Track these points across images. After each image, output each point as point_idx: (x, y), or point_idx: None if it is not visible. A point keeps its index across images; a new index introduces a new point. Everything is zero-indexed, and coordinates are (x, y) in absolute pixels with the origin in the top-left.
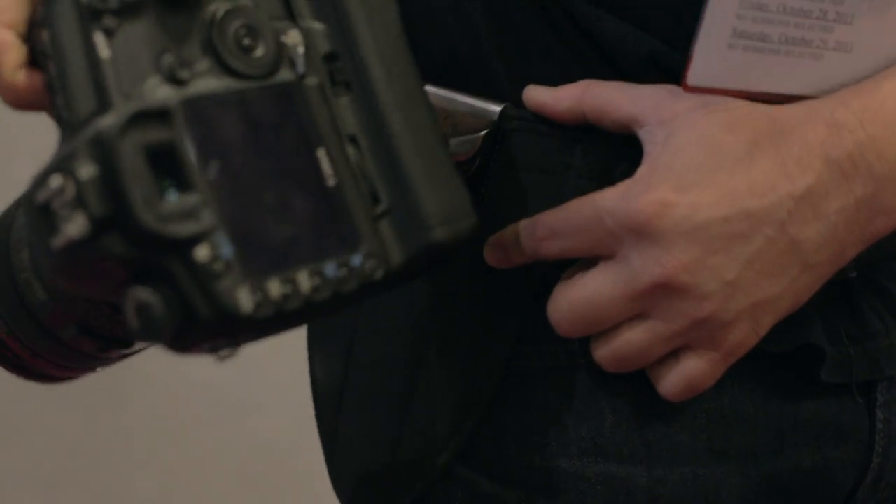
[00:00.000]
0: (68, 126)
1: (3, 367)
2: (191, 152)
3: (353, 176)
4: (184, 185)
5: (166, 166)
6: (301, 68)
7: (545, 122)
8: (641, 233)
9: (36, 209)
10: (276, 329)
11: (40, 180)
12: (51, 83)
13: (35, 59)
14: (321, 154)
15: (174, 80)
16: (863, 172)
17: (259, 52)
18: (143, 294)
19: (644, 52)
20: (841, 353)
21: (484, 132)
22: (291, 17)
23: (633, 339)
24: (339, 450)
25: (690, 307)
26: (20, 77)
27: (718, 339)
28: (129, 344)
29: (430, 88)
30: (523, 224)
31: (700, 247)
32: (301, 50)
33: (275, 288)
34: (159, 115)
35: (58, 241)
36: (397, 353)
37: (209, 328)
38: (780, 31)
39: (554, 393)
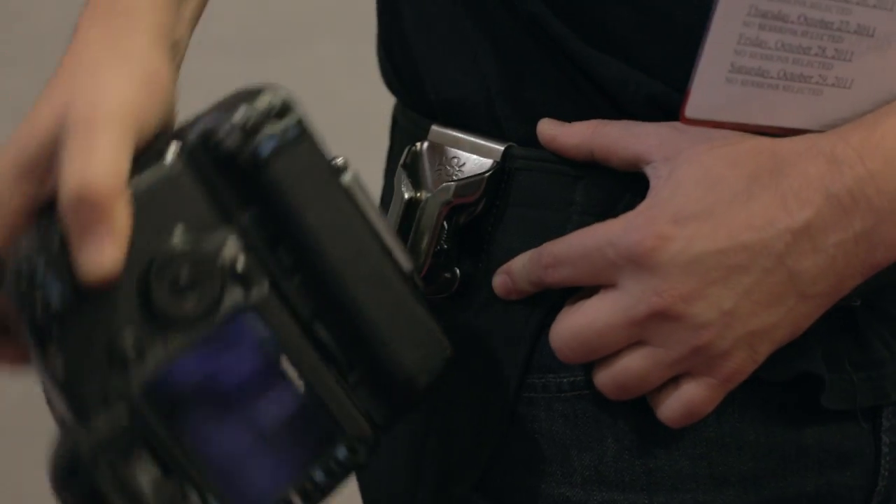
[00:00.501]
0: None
1: None
2: (160, 436)
3: (320, 361)
4: (162, 470)
5: (143, 455)
6: (246, 282)
7: (549, 160)
8: (640, 264)
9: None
10: None
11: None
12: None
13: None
14: (284, 363)
15: (124, 366)
16: (862, 207)
17: (200, 291)
18: None
19: (645, 94)
20: (844, 380)
21: (488, 173)
22: (225, 215)
23: (632, 366)
24: (369, 481)
25: (688, 335)
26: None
27: (717, 366)
28: None
29: (438, 128)
30: (530, 253)
31: (697, 278)
32: (241, 264)
33: None
34: (127, 431)
35: None
36: None
37: None
38: (778, 66)
39: (558, 422)
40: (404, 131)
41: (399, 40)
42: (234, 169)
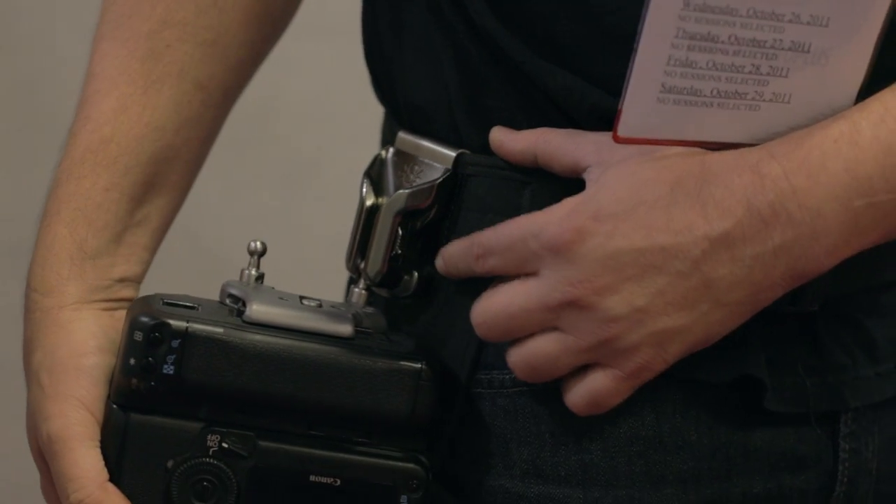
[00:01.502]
0: None
1: None
2: None
3: (335, 454)
4: None
5: None
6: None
7: (498, 166)
8: (559, 255)
9: None
10: None
11: None
12: None
13: None
14: (313, 479)
15: None
16: (783, 221)
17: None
18: None
19: (589, 103)
20: (796, 384)
21: (439, 180)
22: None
23: (542, 347)
24: None
25: (597, 326)
26: None
27: (624, 360)
28: None
29: (404, 135)
30: (463, 242)
31: (612, 273)
32: (222, 451)
33: None
34: None
35: None
36: None
37: None
38: (711, 85)
39: (500, 416)
40: (385, 140)
41: (378, 47)
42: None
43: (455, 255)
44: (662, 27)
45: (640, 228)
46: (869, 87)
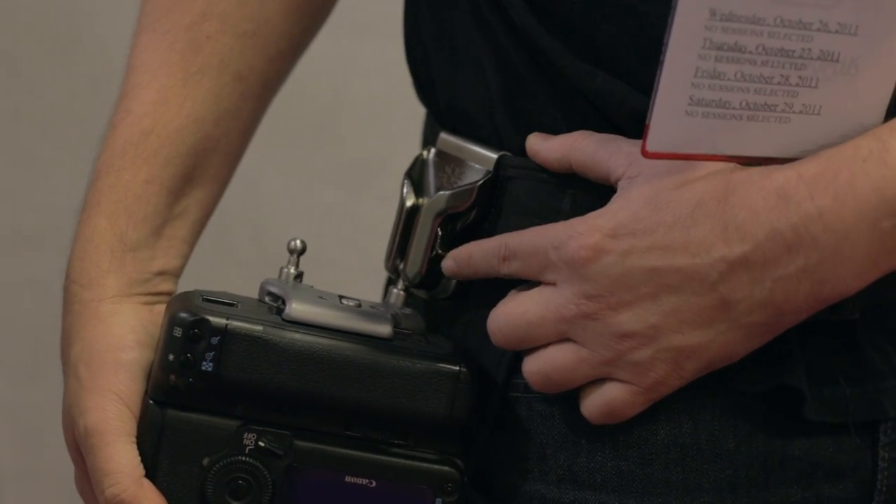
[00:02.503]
0: None
1: None
2: None
3: (371, 455)
4: None
5: None
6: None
7: (539, 169)
8: (576, 269)
9: None
10: None
11: None
12: None
13: None
14: (349, 479)
15: None
16: (806, 244)
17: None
18: None
19: (630, 106)
20: (836, 393)
21: (480, 182)
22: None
23: (558, 358)
24: None
25: (611, 341)
26: None
27: (638, 374)
28: None
29: (445, 136)
30: (492, 242)
31: (626, 290)
32: (260, 450)
33: None
34: None
35: None
36: None
37: None
38: (740, 97)
39: (537, 421)
40: (426, 140)
41: (420, 51)
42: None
43: (476, 254)
44: (689, 38)
45: (656, 248)
46: None
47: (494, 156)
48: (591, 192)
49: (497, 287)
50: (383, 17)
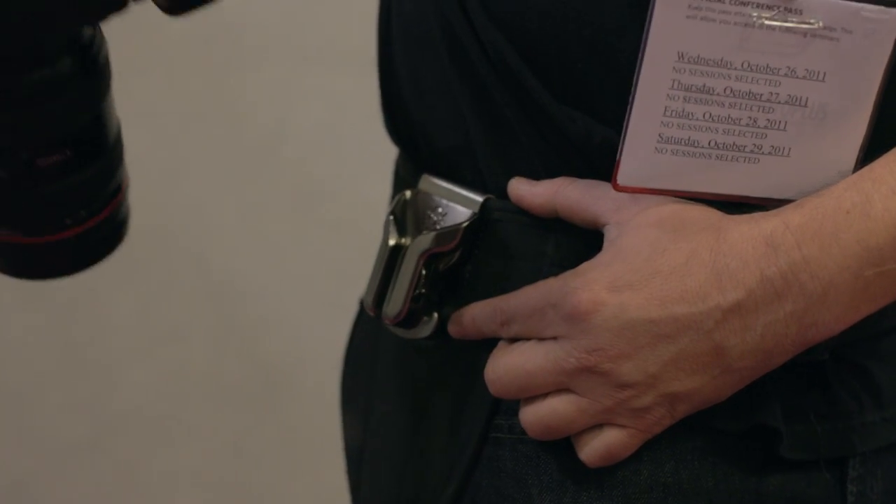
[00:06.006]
0: None
1: (37, 270)
2: None
3: None
4: None
5: None
6: None
7: (523, 213)
8: (576, 324)
9: None
10: None
11: None
12: None
13: None
14: None
15: None
16: (794, 291)
17: None
18: None
19: (610, 147)
20: (808, 431)
21: (465, 223)
22: None
23: (558, 409)
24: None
25: (612, 391)
26: None
27: (636, 418)
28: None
29: (428, 177)
30: (485, 308)
31: (626, 342)
32: None
33: None
34: None
35: None
36: (398, 420)
37: None
38: (708, 136)
39: (522, 462)
40: (402, 181)
41: (395, 92)
42: None
43: (479, 318)
44: (658, 78)
45: (654, 299)
46: (878, 141)
47: (479, 199)
48: (574, 236)
49: None
50: (328, 46)
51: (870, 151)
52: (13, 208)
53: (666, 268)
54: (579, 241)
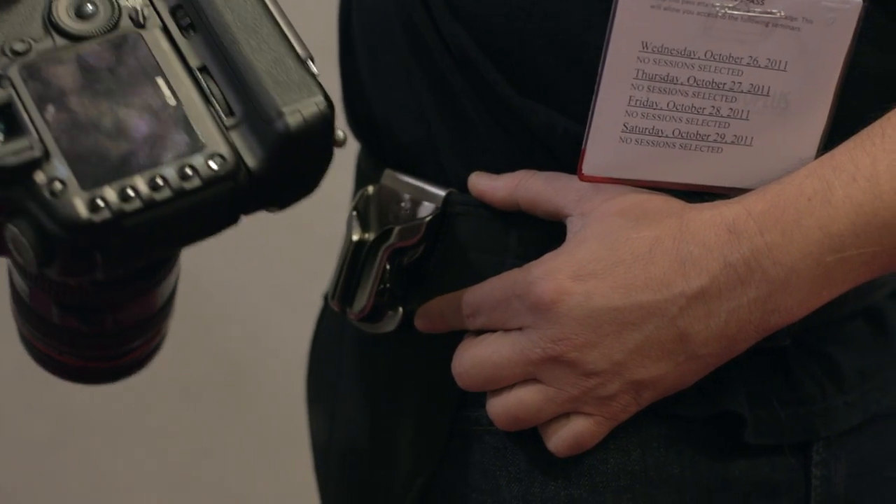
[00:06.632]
0: None
1: (60, 375)
2: (26, 103)
3: (201, 97)
4: (19, 129)
5: (6, 119)
6: (140, 20)
7: (485, 206)
8: (540, 314)
9: None
10: (138, 237)
11: None
12: None
13: None
14: (161, 82)
15: (13, 53)
16: (757, 277)
17: (95, 16)
18: (11, 229)
19: (572, 138)
20: (772, 417)
21: (428, 218)
22: None
23: (525, 399)
24: (328, 500)
25: (578, 379)
26: None
27: (603, 406)
28: (104, 309)
29: (390, 172)
30: (450, 301)
31: (591, 330)
32: (139, 6)
33: (110, 193)
34: None
35: None
36: (364, 415)
37: (61, 242)
38: (672, 126)
39: (489, 453)
40: (365, 176)
41: (356, 87)
42: None
43: (446, 311)
44: (622, 68)
45: (618, 288)
46: (838, 129)
47: (442, 193)
48: (537, 229)
49: None
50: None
51: (830, 140)
52: (87, 350)
53: (629, 256)
54: (542, 233)
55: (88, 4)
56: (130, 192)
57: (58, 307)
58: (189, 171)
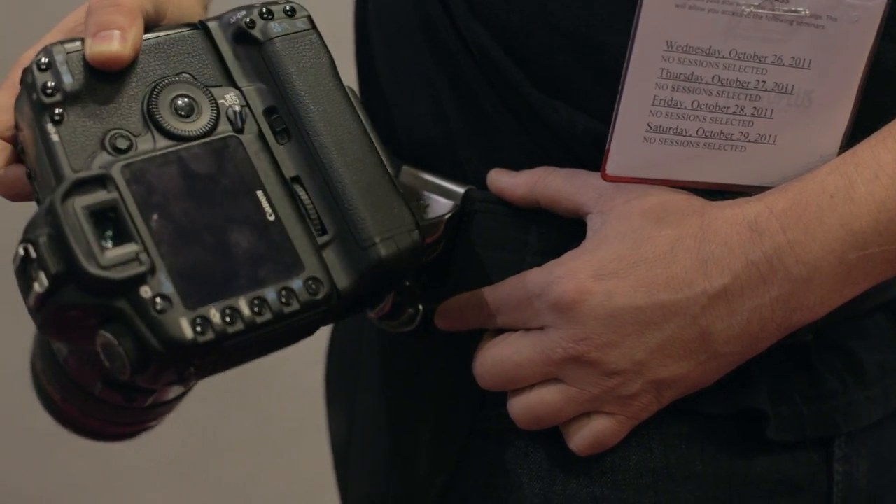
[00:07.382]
0: (40, 205)
1: (72, 431)
2: (130, 208)
3: (296, 212)
4: (124, 236)
5: (111, 223)
6: (238, 124)
7: (505, 203)
8: (562, 313)
9: (16, 275)
10: (233, 354)
11: (16, 251)
12: (29, 172)
13: (20, 156)
14: (260, 195)
15: (115, 150)
16: (780, 275)
17: (196, 116)
18: (106, 335)
19: (592, 137)
20: (794, 413)
21: (448, 215)
22: (231, 82)
23: (546, 399)
24: (348, 499)
25: (600, 379)
26: (8, 173)
27: (624, 405)
28: (150, 391)
29: (408, 169)
30: (468, 300)
31: (613, 330)
32: (237, 108)
33: (215, 315)
34: (98, 180)
35: (31, 299)
36: (384, 414)
37: (161, 358)
38: (696, 125)
39: (510, 452)
40: None
41: (374, 84)
42: (245, 40)
43: (466, 310)
44: (647, 67)
45: (640, 287)
46: (860, 127)
47: (461, 190)
48: (556, 226)
49: None
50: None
51: (852, 138)
52: (114, 417)
53: (651, 255)
54: (561, 230)
55: (189, 101)
56: (234, 315)
57: (104, 383)
58: (289, 295)
